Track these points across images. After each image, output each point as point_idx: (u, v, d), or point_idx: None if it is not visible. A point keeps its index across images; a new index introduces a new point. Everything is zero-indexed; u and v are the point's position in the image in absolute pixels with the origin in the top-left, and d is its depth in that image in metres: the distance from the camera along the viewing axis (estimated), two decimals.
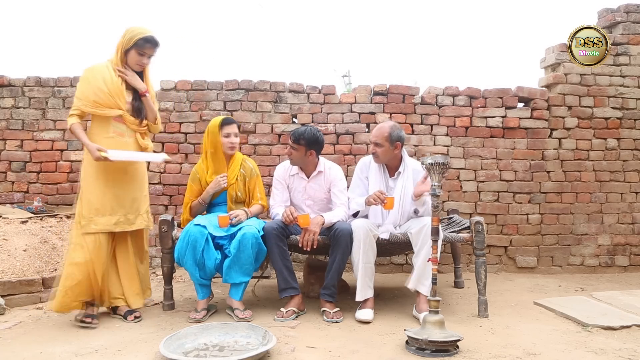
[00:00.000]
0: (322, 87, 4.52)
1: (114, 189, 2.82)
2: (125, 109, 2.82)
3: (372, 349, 2.37)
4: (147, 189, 3.06)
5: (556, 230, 4.45)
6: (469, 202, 4.44)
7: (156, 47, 2.88)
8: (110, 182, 2.81)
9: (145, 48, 2.84)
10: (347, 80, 16.36)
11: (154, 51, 2.89)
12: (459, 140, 4.47)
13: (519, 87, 4.51)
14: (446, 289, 3.75)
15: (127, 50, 2.83)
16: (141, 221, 2.94)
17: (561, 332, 2.62)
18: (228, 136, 3.13)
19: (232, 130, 3.15)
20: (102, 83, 2.76)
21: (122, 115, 2.81)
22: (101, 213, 2.78)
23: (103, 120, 2.81)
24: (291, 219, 2.94)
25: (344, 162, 4.37)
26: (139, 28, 2.82)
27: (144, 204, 2.98)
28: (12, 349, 2.35)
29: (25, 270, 3.26)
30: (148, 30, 2.83)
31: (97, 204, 2.78)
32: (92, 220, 2.76)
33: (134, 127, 2.87)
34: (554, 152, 4.48)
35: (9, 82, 4.49)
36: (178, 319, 2.89)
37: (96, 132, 2.81)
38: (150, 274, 4.19)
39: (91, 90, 2.76)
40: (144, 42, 2.81)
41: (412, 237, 2.94)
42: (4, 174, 4.46)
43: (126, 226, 2.86)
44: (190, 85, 4.50)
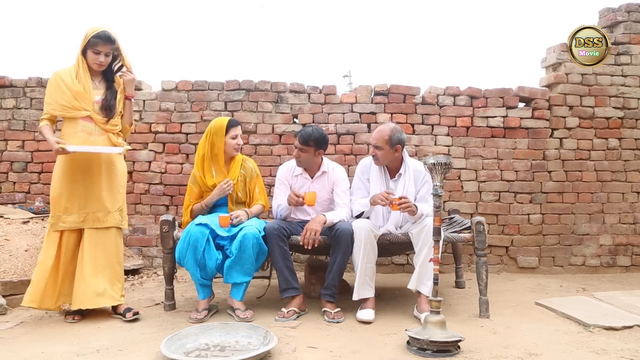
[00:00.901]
0: (323, 87, 4.52)
1: (81, 187, 2.86)
2: (91, 109, 2.86)
3: (373, 349, 2.36)
4: (121, 187, 3.01)
5: (557, 230, 4.45)
6: (470, 202, 4.43)
7: (108, 43, 2.85)
8: (77, 181, 2.86)
9: (98, 45, 2.83)
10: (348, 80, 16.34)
11: (108, 48, 2.86)
12: (460, 140, 4.47)
13: (520, 87, 4.51)
14: (447, 289, 3.75)
15: (84, 51, 2.86)
16: (112, 219, 2.92)
17: (563, 333, 2.62)
18: (235, 138, 3.14)
19: (238, 132, 3.17)
20: (65, 87, 2.83)
21: (90, 115, 2.85)
22: (69, 211, 2.84)
23: (71, 120, 2.86)
24: (296, 200, 2.96)
25: (344, 162, 4.36)
26: (93, 27, 2.84)
27: (116, 203, 2.95)
28: (13, 348, 2.36)
29: (26, 270, 3.26)
30: (100, 28, 2.83)
31: (65, 202, 2.84)
32: (60, 218, 2.84)
33: (102, 125, 2.90)
34: (555, 152, 4.47)
35: (10, 83, 4.49)
36: (179, 319, 2.90)
37: (66, 132, 2.87)
38: (151, 274, 4.21)
39: (57, 94, 2.84)
40: (95, 40, 2.82)
41: (413, 237, 2.94)
42: (6, 175, 4.47)
43: (96, 224, 2.88)
44: (191, 85, 4.50)
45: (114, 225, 2.93)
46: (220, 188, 3.08)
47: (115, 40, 2.88)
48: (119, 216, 2.96)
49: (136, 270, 4.20)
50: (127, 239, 4.42)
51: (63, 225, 2.84)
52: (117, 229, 2.97)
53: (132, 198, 4.41)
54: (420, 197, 3.13)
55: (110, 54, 2.89)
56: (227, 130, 3.12)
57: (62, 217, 2.84)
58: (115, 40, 2.88)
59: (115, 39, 2.88)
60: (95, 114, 2.87)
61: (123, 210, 3.01)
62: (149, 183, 4.46)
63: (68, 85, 2.83)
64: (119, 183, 2.99)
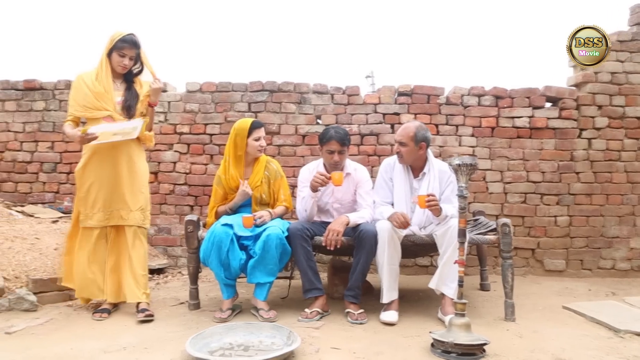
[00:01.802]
0: (346, 87, 4.51)
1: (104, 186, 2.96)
2: (112, 109, 2.94)
3: (397, 351, 2.35)
4: (143, 187, 3.08)
5: (586, 233, 4.35)
6: (495, 203, 4.37)
7: (134, 47, 2.96)
8: (99, 179, 2.97)
9: (124, 49, 2.92)
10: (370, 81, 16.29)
11: (133, 52, 2.96)
12: (485, 140, 4.41)
13: (546, 86, 4.43)
14: (472, 291, 3.70)
15: (109, 54, 2.95)
16: (133, 218, 2.99)
17: (592, 338, 2.56)
18: (258, 139, 3.16)
19: (261, 133, 3.19)
20: (86, 89, 2.93)
21: (111, 115, 2.93)
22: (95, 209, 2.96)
23: (93, 121, 2.93)
24: (322, 179, 2.96)
25: (368, 162, 4.35)
26: (119, 31, 2.94)
27: (138, 202, 3.02)
28: (44, 344, 2.41)
29: (55, 268, 3.33)
30: (126, 32, 2.93)
31: (92, 201, 2.97)
32: (88, 215, 2.97)
33: None
34: (584, 153, 4.38)
35: (40, 86, 4.60)
36: (203, 318, 2.92)
37: None
38: (176, 274, 4.26)
39: (79, 96, 2.95)
40: (121, 43, 2.91)
41: (438, 238, 2.91)
42: (36, 175, 4.58)
43: (120, 222, 2.98)
44: (215, 86, 4.55)
45: (136, 224, 3.00)
46: (242, 192, 3.11)
47: (140, 45, 2.98)
48: (141, 215, 3.03)
49: (161, 269, 4.26)
50: (153, 239, 4.48)
51: (90, 222, 2.97)
52: (140, 228, 3.03)
53: (157, 198, 4.48)
54: (445, 198, 3.10)
55: (134, 57, 2.99)
56: (250, 132, 3.14)
57: (89, 214, 2.97)
58: (140, 45, 2.98)
59: (140, 44, 2.98)
60: (117, 114, 2.95)
61: (145, 209, 3.07)
62: (173, 183, 4.51)
63: (89, 86, 2.92)
64: (140, 183, 3.06)
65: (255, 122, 3.19)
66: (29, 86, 4.59)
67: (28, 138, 4.59)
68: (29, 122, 4.59)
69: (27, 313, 2.98)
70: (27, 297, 3.04)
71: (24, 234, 3.60)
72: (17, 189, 4.57)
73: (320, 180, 2.97)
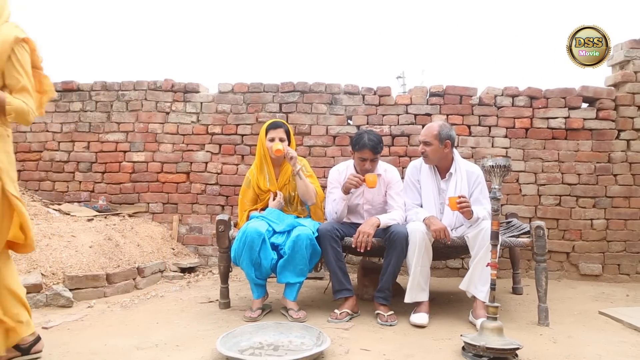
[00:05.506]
0: (378, 88, 4.49)
1: None
2: None
3: (428, 353, 2.32)
4: None
5: (624, 237, 4.23)
6: (528, 205, 4.29)
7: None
8: None
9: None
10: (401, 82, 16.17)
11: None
12: (519, 142, 4.33)
13: (583, 86, 4.31)
14: (504, 294, 3.64)
15: None
16: None
17: (630, 345, 2.48)
18: (272, 140, 3.14)
19: (277, 134, 3.16)
20: None
21: None
22: None
23: None
24: (357, 181, 2.94)
25: (399, 163, 4.32)
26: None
27: None
28: (79, 340, 2.48)
29: (90, 265, 3.42)
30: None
31: None
32: None
33: None
34: (622, 155, 4.25)
35: (77, 87, 4.74)
36: (234, 317, 2.95)
37: None
38: (207, 272, 4.31)
39: None
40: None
41: (469, 240, 2.87)
42: (72, 174, 4.71)
43: None
44: (246, 87, 4.59)
45: None
46: (277, 203, 3.14)
47: None
48: None
49: (192, 268, 4.33)
50: (184, 238, 4.55)
51: None
52: None
53: (189, 198, 4.55)
54: (474, 199, 3.03)
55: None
56: (267, 132, 3.17)
57: None
58: None
59: None
60: None
61: None
62: (205, 183, 4.57)
63: None
64: None
65: (272, 123, 3.20)
66: (67, 87, 4.72)
67: (65, 138, 4.73)
68: (66, 122, 4.73)
69: (63, 309, 3.07)
70: (64, 294, 3.13)
71: (60, 232, 3.71)
72: (55, 188, 4.71)
73: (355, 182, 2.96)
